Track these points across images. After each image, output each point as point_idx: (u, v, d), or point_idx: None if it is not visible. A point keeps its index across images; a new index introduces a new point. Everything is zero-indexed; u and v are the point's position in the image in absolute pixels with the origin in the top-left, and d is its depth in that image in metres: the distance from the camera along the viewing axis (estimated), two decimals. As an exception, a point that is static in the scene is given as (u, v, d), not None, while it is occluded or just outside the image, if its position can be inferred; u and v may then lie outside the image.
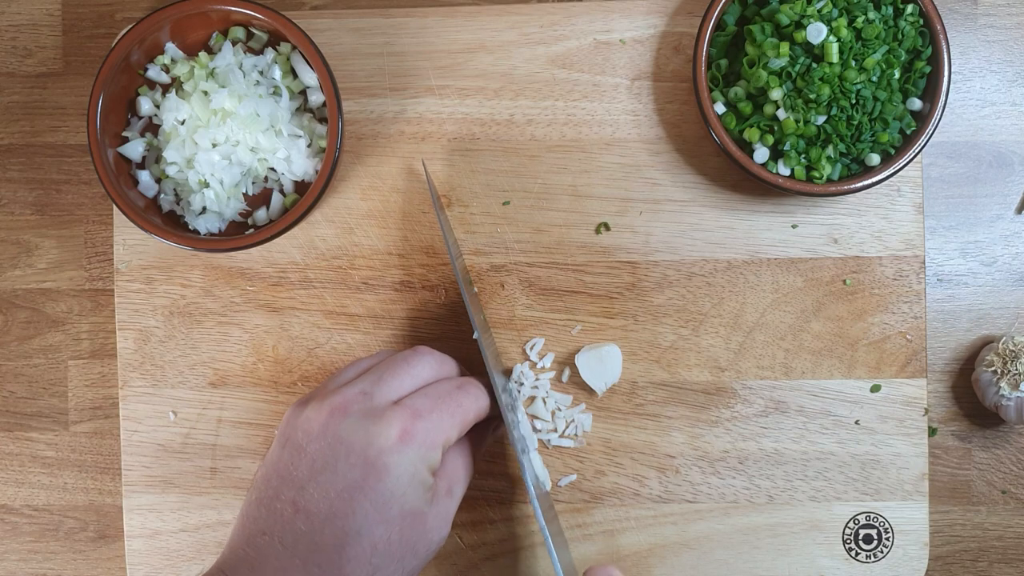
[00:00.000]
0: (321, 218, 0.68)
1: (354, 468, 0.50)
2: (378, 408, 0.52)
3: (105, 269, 0.70)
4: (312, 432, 0.52)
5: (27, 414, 0.70)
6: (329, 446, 0.51)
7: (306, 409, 0.53)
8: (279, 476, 0.52)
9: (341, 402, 0.52)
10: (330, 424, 0.52)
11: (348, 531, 0.50)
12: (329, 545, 0.50)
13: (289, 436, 0.53)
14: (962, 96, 0.68)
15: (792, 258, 0.67)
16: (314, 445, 0.51)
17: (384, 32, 0.68)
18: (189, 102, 0.64)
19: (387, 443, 0.51)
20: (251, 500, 0.53)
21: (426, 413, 0.53)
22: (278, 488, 0.52)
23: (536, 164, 0.67)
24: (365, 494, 0.50)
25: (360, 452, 0.50)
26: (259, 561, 0.50)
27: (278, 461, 0.52)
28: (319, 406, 0.53)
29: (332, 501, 0.50)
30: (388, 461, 0.51)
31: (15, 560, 0.70)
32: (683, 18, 0.67)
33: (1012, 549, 0.68)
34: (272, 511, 0.51)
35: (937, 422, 0.68)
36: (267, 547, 0.50)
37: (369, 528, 0.50)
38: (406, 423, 0.51)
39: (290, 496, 0.51)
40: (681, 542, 0.67)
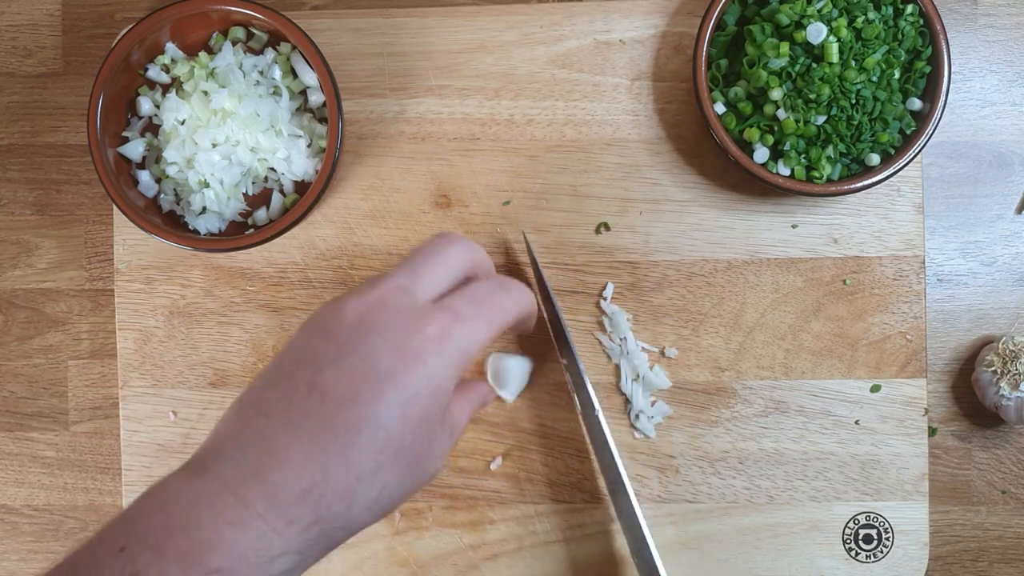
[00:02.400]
0: (321, 218, 0.68)
1: (387, 356, 0.47)
2: (418, 305, 0.49)
3: (105, 269, 0.70)
4: (347, 321, 0.48)
5: (27, 414, 0.70)
6: (362, 335, 0.48)
7: (341, 301, 0.49)
8: (296, 360, 0.48)
9: (379, 296, 0.49)
10: (366, 316, 0.48)
11: (366, 417, 0.46)
12: (341, 427, 0.45)
13: (319, 324, 0.49)
14: (962, 96, 0.68)
15: (792, 258, 0.67)
16: (345, 333, 0.48)
17: (384, 32, 0.68)
18: (189, 102, 0.64)
19: (426, 338, 0.48)
20: (251, 388, 0.49)
21: (467, 318, 0.50)
22: (293, 370, 0.48)
23: (536, 164, 0.67)
24: (393, 383, 0.46)
25: (397, 343, 0.47)
26: (252, 443, 0.46)
27: (299, 347, 0.49)
28: (357, 299, 0.49)
29: (357, 384, 0.46)
30: (425, 357, 0.47)
31: (15, 560, 0.70)
32: (683, 18, 0.67)
33: (1012, 549, 0.68)
34: (280, 391, 0.47)
35: (937, 422, 0.68)
36: (267, 428, 0.46)
37: (388, 420, 0.46)
38: (446, 324, 0.49)
39: (307, 376, 0.47)
40: (681, 542, 0.67)
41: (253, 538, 0.44)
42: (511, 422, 0.67)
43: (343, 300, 0.50)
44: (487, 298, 0.52)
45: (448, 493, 0.67)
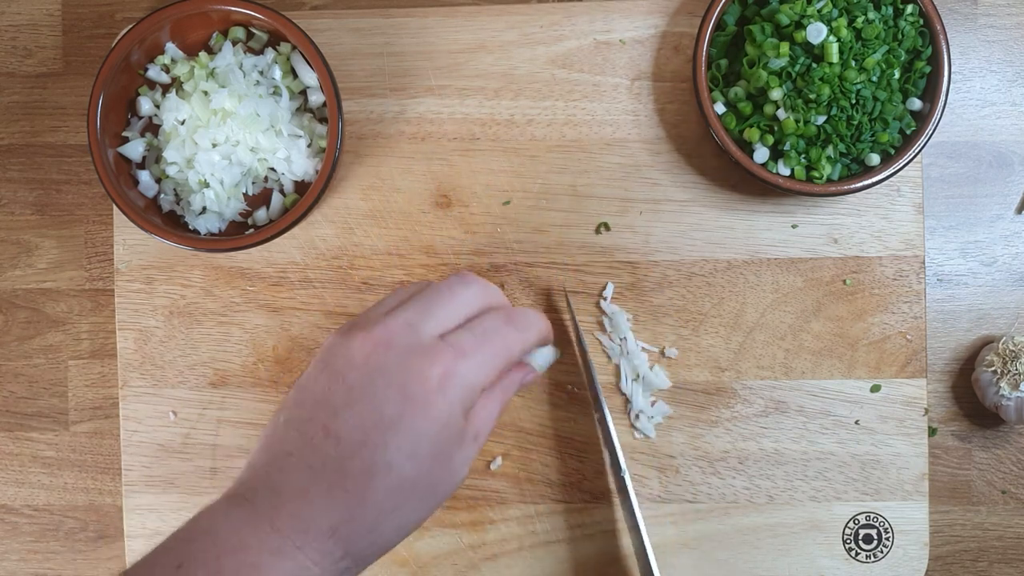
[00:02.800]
0: (321, 218, 0.68)
1: (392, 402, 0.49)
2: (423, 343, 0.51)
3: (105, 269, 0.70)
4: (354, 361, 0.51)
5: (27, 414, 0.70)
6: (369, 377, 0.50)
7: (349, 338, 0.52)
8: (313, 400, 0.51)
9: (386, 334, 0.51)
10: (373, 355, 0.50)
11: (378, 463, 0.49)
12: (356, 473, 0.49)
13: (328, 362, 0.52)
14: (962, 96, 0.68)
15: (792, 258, 0.67)
16: (354, 374, 0.50)
17: (384, 32, 0.68)
18: (189, 102, 0.64)
19: (429, 382, 0.50)
20: (279, 422, 0.52)
21: (470, 352, 0.51)
22: (311, 411, 0.51)
23: (536, 164, 0.67)
24: (400, 429, 0.49)
25: (400, 387, 0.50)
26: (281, 482, 0.50)
27: (314, 385, 0.51)
28: (364, 336, 0.51)
29: (367, 431, 0.49)
30: (428, 400, 0.50)
31: (15, 560, 0.70)
32: (683, 18, 0.67)
33: (1012, 549, 0.68)
34: (302, 433, 0.50)
35: (937, 422, 0.68)
36: (292, 468, 0.50)
37: (400, 463, 0.49)
38: (449, 363, 0.50)
39: (323, 420, 0.50)
40: (681, 542, 0.67)
41: (293, 566, 0.48)
42: (511, 422, 0.67)
43: (352, 336, 0.52)
44: (492, 332, 0.53)
45: (448, 493, 0.67)
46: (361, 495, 0.49)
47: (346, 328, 0.53)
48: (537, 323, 0.56)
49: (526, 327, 0.55)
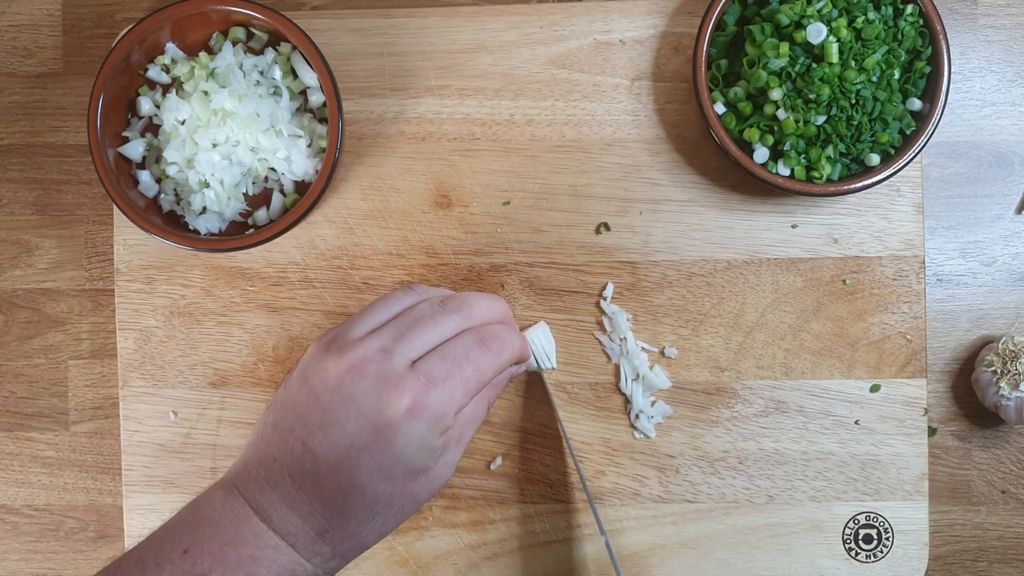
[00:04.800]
0: (321, 218, 0.68)
1: (362, 431, 0.51)
2: (394, 372, 0.52)
3: (105, 269, 0.70)
4: (328, 384, 0.52)
5: (27, 414, 0.70)
6: (341, 403, 0.52)
7: (326, 357, 0.53)
8: (295, 412, 0.53)
9: (359, 359, 0.53)
10: (345, 381, 0.52)
11: (352, 484, 0.51)
12: (333, 489, 0.51)
13: (307, 377, 0.54)
14: (962, 96, 0.68)
15: (792, 258, 0.67)
16: (327, 397, 0.52)
17: (384, 32, 0.68)
18: (189, 102, 0.64)
19: (396, 414, 0.51)
20: (268, 421, 0.54)
21: (440, 381, 0.53)
22: (292, 423, 0.53)
23: (536, 164, 0.67)
24: (371, 455, 0.51)
25: (370, 417, 0.51)
26: (270, 485, 0.52)
27: (296, 396, 0.53)
28: (338, 359, 0.53)
29: (339, 454, 0.51)
30: (396, 431, 0.51)
31: (15, 560, 0.70)
32: (683, 18, 0.67)
33: (1012, 549, 0.68)
34: (285, 442, 0.52)
35: (937, 422, 0.68)
36: (277, 474, 0.52)
37: (372, 485, 0.51)
38: (418, 394, 0.52)
39: (302, 435, 0.52)
40: (681, 542, 0.67)
41: (287, 560, 0.51)
42: (511, 422, 0.67)
43: (329, 356, 0.53)
44: (464, 359, 0.55)
45: (448, 493, 0.67)
46: (339, 509, 0.51)
47: (326, 343, 0.55)
48: (512, 344, 0.57)
49: (500, 349, 0.56)
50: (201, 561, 0.49)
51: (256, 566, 0.50)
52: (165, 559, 0.49)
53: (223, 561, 0.49)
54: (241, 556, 0.50)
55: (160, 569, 0.49)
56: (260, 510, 0.52)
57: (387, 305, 0.57)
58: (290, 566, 0.51)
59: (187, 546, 0.49)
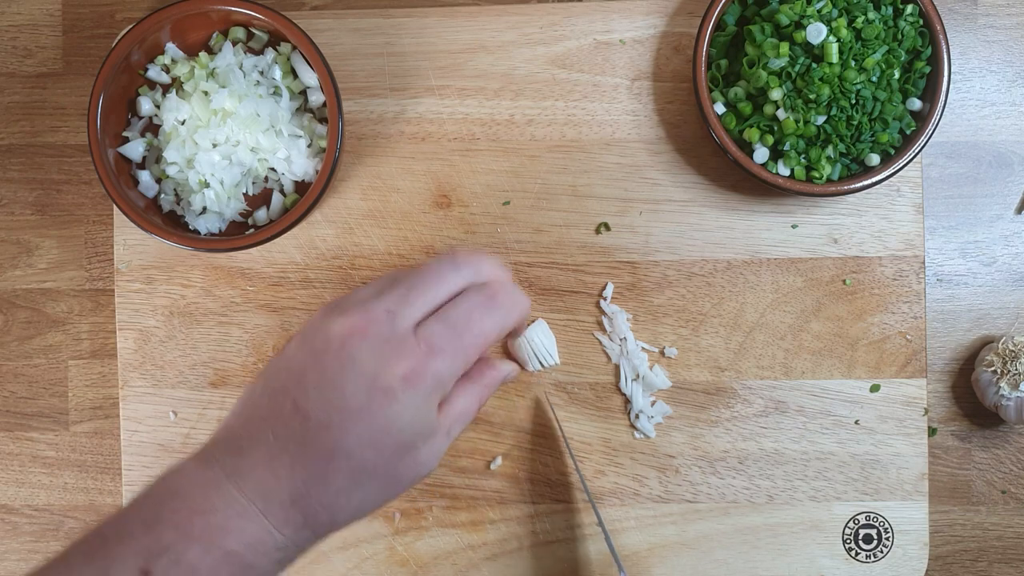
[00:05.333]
0: (321, 218, 0.68)
1: (359, 393, 0.50)
2: (397, 335, 0.51)
3: (105, 269, 0.70)
4: (330, 344, 0.51)
5: (27, 414, 0.70)
6: (341, 364, 0.51)
7: (330, 319, 0.52)
8: (289, 373, 0.52)
9: (363, 321, 0.52)
10: (348, 342, 0.51)
11: (339, 447, 0.50)
12: (318, 452, 0.50)
13: (308, 339, 0.53)
14: (962, 96, 0.68)
15: (792, 258, 0.67)
16: (328, 358, 0.51)
17: (384, 32, 0.68)
18: (189, 102, 0.64)
19: (395, 379, 0.50)
20: (257, 386, 0.53)
21: (440, 349, 0.52)
22: (285, 383, 0.51)
23: (536, 164, 0.67)
24: (364, 420, 0.50)
25: (368, 380, 0.50)
26: (249, 447, 0.50)
27: (292, 358, 0.52)
28: (342, 321, 0.52)
29: (331, 415, 0.50)
30: (393, 397, 0.50)
31: (15, 560, 0.70)
32: (683, 18, 0.67)
33: (1012, 549, 0.68)
34: (274, 402, 0.51)
35: (937, 422, 0.68)
36: (259, 435, 0.51)
37: (360, 451, 0.50)
38: (418, 362, 0.51)
39: (294, 394, 0.51)
40: (681, 542, 0.67)
41: (257, 529, 0.49)
42: (511, 422, 0.67)
43: (332, 318, 0.52)
44: (466, 324, 0.53)
45: (448, 493, 0.67)
46: (320, 475, 0.50)
47: (330, 307, 0.54)
48: (519, 303, 0.55)
49: (508, 308, 0.55)
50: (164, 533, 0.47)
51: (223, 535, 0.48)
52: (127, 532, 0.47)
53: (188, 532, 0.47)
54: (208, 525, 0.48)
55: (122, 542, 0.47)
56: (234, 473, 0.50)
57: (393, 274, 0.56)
58: (259, 535, 0.49)
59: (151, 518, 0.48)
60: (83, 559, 0.47)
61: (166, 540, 0.47)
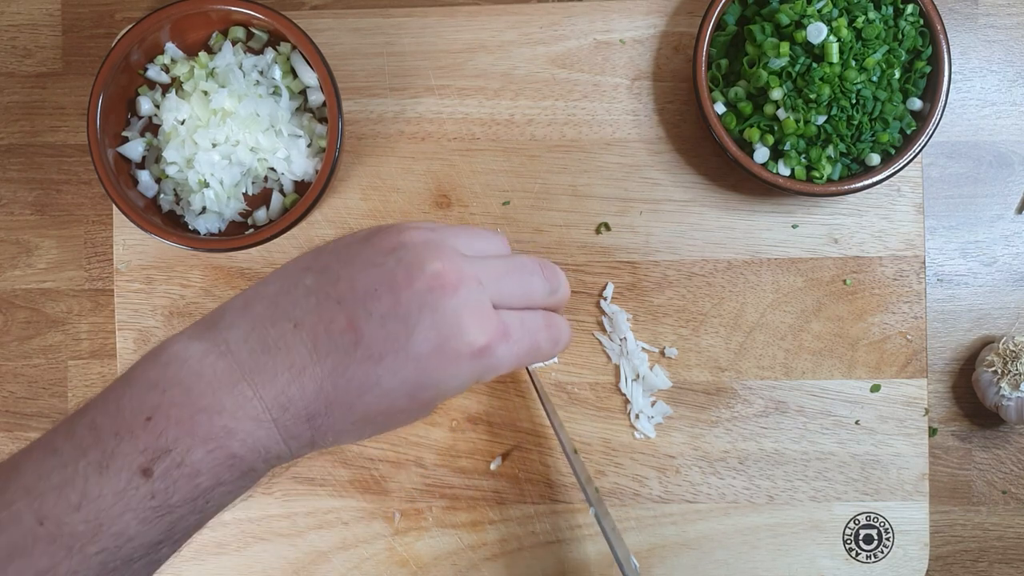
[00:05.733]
0: (321, 218, 0.68)
1: (426, 343, 0.47)
2: (483, 307, 0.48)
3: (105, 269, 0.70)
4: (416, 284, 0.47)
5: (27, 414, 0.70)
6: (421, 307, 0.47)
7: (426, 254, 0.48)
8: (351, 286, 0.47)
9: (457, 278, 0.47)
10: (436, 290, 0.47)
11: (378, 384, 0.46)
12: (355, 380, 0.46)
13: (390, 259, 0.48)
14: (962, 96, 0.68)
15: (792, 258, 0.67)
16: (407, 294, 0.47)
17: (384, 32, 0.68)
18: (189, 102, 0.64)
19: (470, 346, 0.47)
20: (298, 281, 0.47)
21: (511, 340, 0.49)
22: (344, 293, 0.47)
23: (536, 164, 0.67)
24: (416, 369, 0.47)
25: (442, 336, 0.47)
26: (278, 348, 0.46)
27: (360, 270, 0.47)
28: (436, 264, 0.47)
29: (386, 350, 0.46)
30: (458, 362, 0.47)
31: (15, 560, 0.70)
32: (683, 18, 0.67)
33: (1012, 549, 0.68)
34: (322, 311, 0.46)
35: (937, 422, 0.68)
36: (295, 340, 0.46)
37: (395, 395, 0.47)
38: (493, 341, 0.48)
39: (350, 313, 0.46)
40: (681, 542, 0.67)
41: (264, 436, 0.45)
42: (511, 422, 0.67)
43: (430, 254, 0.48)
44: (534, 332, 0.51)
45: (448, 493, 0.67)
46: (350, 399, 0.46)
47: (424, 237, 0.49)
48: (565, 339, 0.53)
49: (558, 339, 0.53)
50: (167, 432, 0.43)
51: (229, 439, 0.44)
52: (124, 427, 0.43)
53: (192, 431, 0.43)
54: (213, 426, 0.43)
55: (119, 440, 0.43)
56: (251, 375, 0.45)
57: (485, 237, 0.53)
58: (265, 443, 0.45)
59: (151, 412, 0.43)
60: (75, 451, 0.43)
61: (168, 438, 0.43)
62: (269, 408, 0.45)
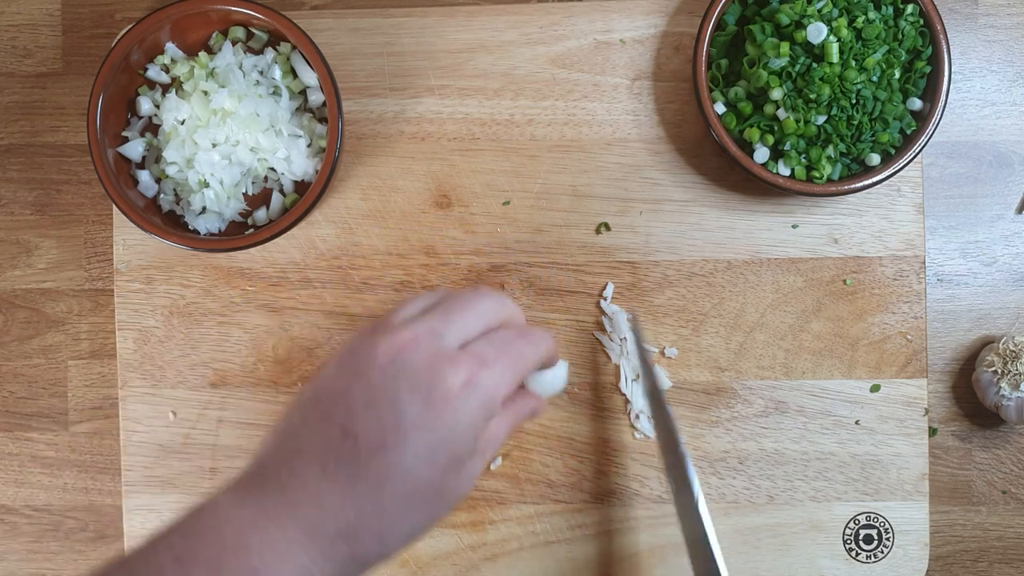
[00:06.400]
0: (321, 218, 0.68)
1: (415, 404, 0.49)
2: (448, 349, 0.51)
3: (105, 269, 0.70)
4: (377, 361, 0.50)
5: (27, 414, 0.70)
6: (393, 378, 0.49)
7: (373, 339, 0.51)
8: (331, 398, 0.50)
9: (411, 338, 0.50)
10: (397, 357, 0.50)
11: (396, 467, 0.48)
12: (371, 476, 0.48)
13: (350, 361, 0.51)
14: (962, 96, 0.68)
15: (792, 258, 0.67)
16: (376, 374, 0.50)
17: (384, 32, 0.68)
18: (189, 102, 0.64)
19: (453, 387, 0.49)
20: (291, 420, 0.51)
21: (491, 362, 0.51)
22: (328, 410, 0.50)
23: (536, 164, 0.67)
24: (421, 433, 0.49)
25: (425, 390, 0.49)
26: (292, 481, 0.49)
27: (332, 383, 0.51)
28: (390, 337, 0.50)
29: (386, 433, 0.48)
30: (452, 405, 0.49)
31: (15, 560, 0.70)
32: (683, 18, 0.67)
33: (1012, 549, 0.68)
34: (315, 432, 0.49)
35: (937, 422, 0.68)
36: (303, 468, 0.49)
37: (416, 469, 0.49)
38: (473, 370, 0.50)
39: (340, 419, 0.49)
40: (681, 542, 0.66)
41: (295, 567, 0.48)
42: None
43: (377, 336, 0.51)
44: (510, 344, 0.53)
45: (448, 493, 0.67)
46: (374, 500, 0.49)
47: (369, 330, 0.53)
48: (546, 340, 0.56)
49: (538, 342, 0.55)
50: (195, 571, 0.46)
51: None
52: (155, 567, 0.46)
53: (218, 570, 0.46)
54: (240, 566, 0.47)
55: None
56: (273, 513, 0.49)
57: (416, 299, 0.56)
58: (296, 573, 0.48)
59: (181, 553, 0.47)
60: None
61: None
62: (296, 539, 0.48)
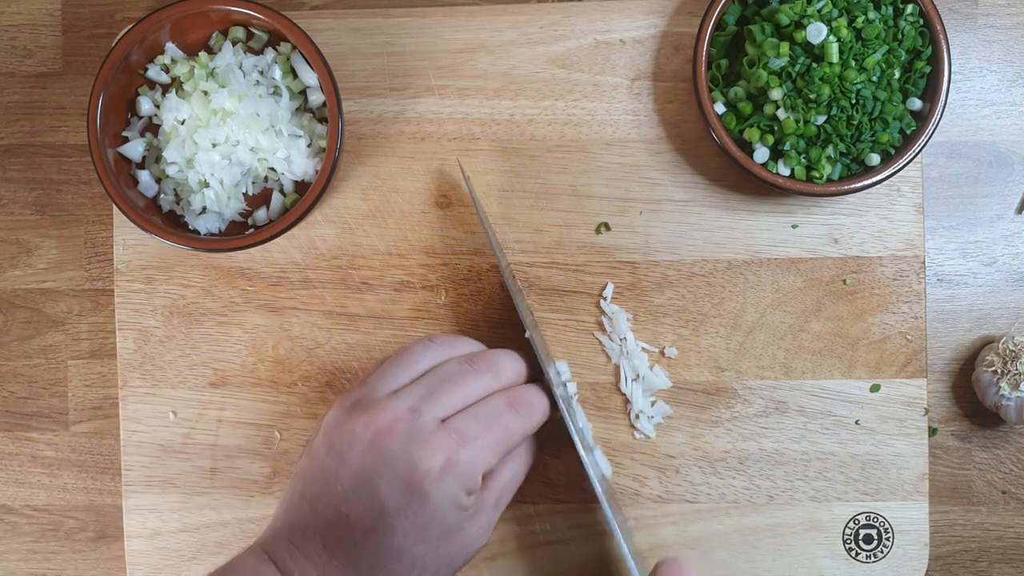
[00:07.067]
0: (321, 218, 0.68)
1: (396, 491, 0.51)
2: (424, 429, 0.52)
3: (105, 269, 0.70)
4: (356, 446, 0.52)
5: (27, 414, 0.70)
6: (373, 464, 0.51)
7: (352, 418, 0.53)
8: (323, 478, 0.52)
9: (388, 421, 0.52)
10: (375, 441, 0.51)
11: (388, 548, 0.51)
12: (369, 555, 0.51)
13: (333, 441, 0.53)
14: (962, 96, 0.68)
15: (792, 258, 0.67)
16: (357, 459, 0.51)
17: (384, 32, 0.68)
18: (189, 102, 0.64)
19: (429, 471, 0.51)
20: (296, 490, 0.53)
21: (471, 439, 0.52)
22: (321, 490, 0.52)
23: (536, 164, 0.67)
24: (406, 517, 0.51)
25: (403, 476, 0.51)
26: (303, 553, 0.51)
27: (323, 462, 0.53)
28: (367, 419, 0.52)
29: (373, 519, 0.51)
30: (429, 489, 0.51)
31: (15, 560, 0.70)
32: (683, 18, 0.67)
33: (1012, 549, 0.68)
34: (315, 509, 0.52)
35: (937, 422, 0.68)
36: (308, 542, 0.51)
37: (409, 548, 0.51)
38: (450, 450, 0.51)
39: (333, 502, 0.51)
40: (681, 542, 0.67)
41: None
42: (511, 422, 0.67)
43: (356, 417, 0.52)
44: (495, 418, 0.54)
45: (448, 493, 0.67)
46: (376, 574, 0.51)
47: (348, 406, 0.54)
48: (541, 406, 0.56)
49: (530, 413, 0.55)
50: None
51: None
52: None
53: None
54: None
55: None
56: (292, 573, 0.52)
57: (409, 363, 0.56)
58: None
59: None
60: None
61: None
62: None
